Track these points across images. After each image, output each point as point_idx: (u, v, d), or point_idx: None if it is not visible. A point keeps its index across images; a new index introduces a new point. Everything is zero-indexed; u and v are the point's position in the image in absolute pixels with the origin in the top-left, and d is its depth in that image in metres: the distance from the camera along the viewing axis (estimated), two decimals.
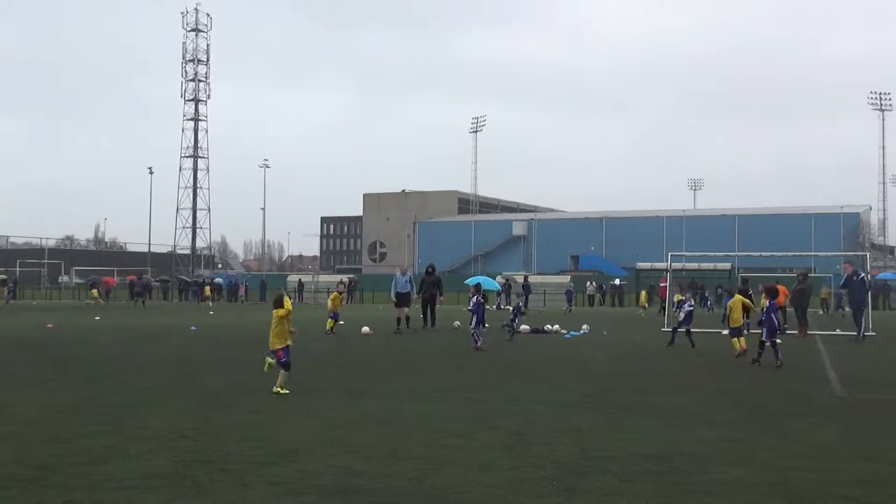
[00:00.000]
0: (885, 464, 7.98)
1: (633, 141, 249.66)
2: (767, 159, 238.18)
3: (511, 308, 27.18)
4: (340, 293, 29.43)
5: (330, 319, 26.91)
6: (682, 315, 22.50)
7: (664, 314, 40.70)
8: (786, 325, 24.35)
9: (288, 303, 12.88)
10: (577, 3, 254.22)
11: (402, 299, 28.59)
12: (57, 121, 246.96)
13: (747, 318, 21.02)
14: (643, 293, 43.08)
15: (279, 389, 12.21)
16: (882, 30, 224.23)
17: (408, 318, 28.07)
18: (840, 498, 6.75)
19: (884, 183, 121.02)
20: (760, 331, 17.51)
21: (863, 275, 26.28)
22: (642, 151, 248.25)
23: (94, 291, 57.82)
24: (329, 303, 28.49)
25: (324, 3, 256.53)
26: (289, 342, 12.64)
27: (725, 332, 28.61)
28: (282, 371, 12.39)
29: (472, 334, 20.75)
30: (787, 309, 27.02)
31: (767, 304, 17.55)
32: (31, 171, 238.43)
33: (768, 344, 17.00)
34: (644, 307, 42.17)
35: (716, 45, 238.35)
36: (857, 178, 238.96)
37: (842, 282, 27.03)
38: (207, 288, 64.08)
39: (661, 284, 46.73)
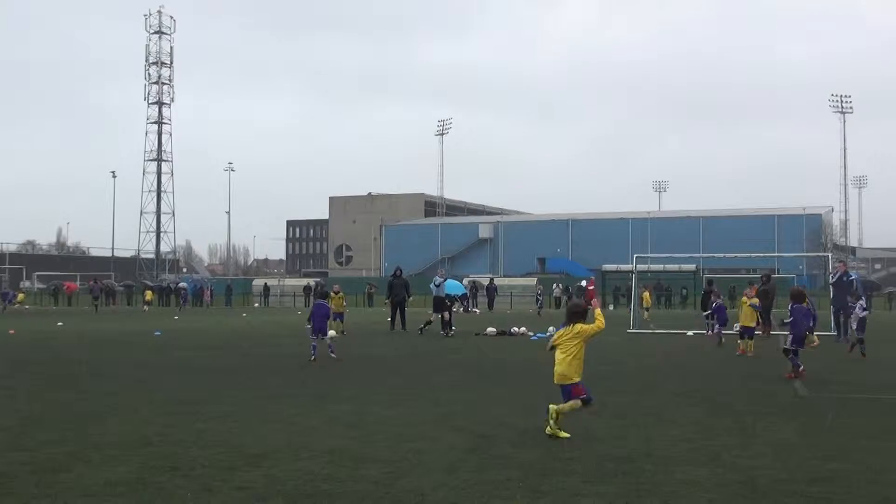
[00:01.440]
0: (846, 462, 8.08)
1: (595, 143, 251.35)
2: (730, 162, 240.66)
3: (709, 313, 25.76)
4: (337, 293, 28.90)
5: (335, 321, 26.77)
6: (854, 323, 21.28)
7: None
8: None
9: (601, 317, 9.80)
10: (534, 10, 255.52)
11: (442, 303, 28.58)
12: (17, 124, 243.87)
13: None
14: (646, 294, 42.79)
15: (557, 429, 9.21)
16: (840, 33, 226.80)
17: (442, 321, 27.74)
18: (802, 496, 6.83)
19: (845, 185, 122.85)
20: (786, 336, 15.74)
21: (853, 276, 25.95)
22: (605, 154, 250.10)
23: None
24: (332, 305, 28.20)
25: (281, 9, 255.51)
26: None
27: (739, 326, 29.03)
28: (572, 402, 9.44)
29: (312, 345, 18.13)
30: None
31: (791, 307, 15.74)
32: None
33: (792, 350, 15.33)
34: (647, 309, 41.68)
35: (676, 50, 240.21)
36: (820, 180, 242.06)
37: (833, 279, 26.76)
38: (149, 292, 63.11)
39: (589, 287, 47.28)
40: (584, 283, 64.70)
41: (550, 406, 9.30)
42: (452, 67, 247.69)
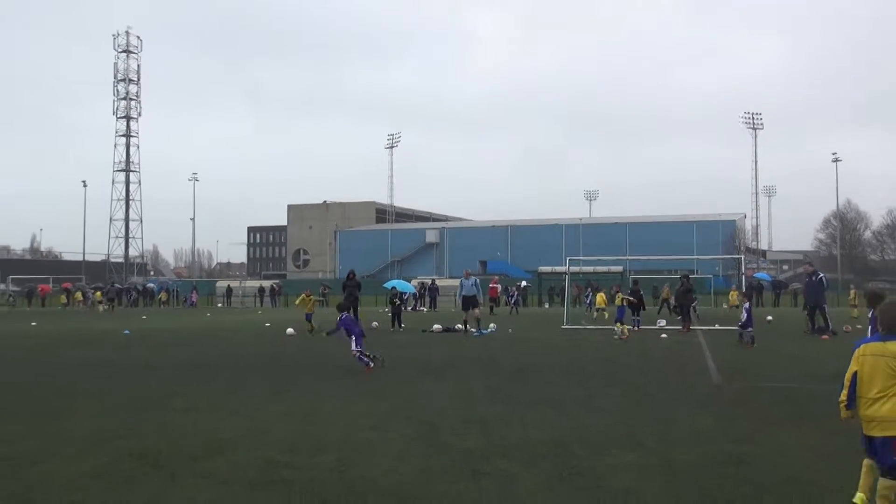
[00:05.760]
0: (755, 445, 8.25)
1: (528, 157, 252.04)
2: (654, 173, 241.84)
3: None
4: (309, 295, 28.48)
5: (308, 322, 26.41)
6: (744, 316, 21.75)
7: (492, 312, 41.28)
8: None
9: None
10: (456, 41, 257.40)
11: (469, 302, 27.36)
12: None
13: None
14: (600, 295, 42.76)
15: None
16: (739, 61, 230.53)
17: (478, 321, 26.85)
18: (716, 476, 6.96)
19: (756, 193, 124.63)
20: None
21: (821, 275, 25.97)
22: (539, 166, 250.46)
23: None
24: (298, 303, 27.72)
25: (234, 39, 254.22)
26: None
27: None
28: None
29: (358, 356, 15.52)
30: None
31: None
32: None
33: None
34: (602, 307, 41.68)
35: (598, 75, 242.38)
36: (733, 189, 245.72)
37: (803, 281, 26.65)
38: (98, 293, 62.42)
39: (492, 285, 47.57)
40: (522, 283, 65.11)
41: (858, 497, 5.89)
42: (391, 94, 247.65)
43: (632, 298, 27.00)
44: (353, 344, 15.58)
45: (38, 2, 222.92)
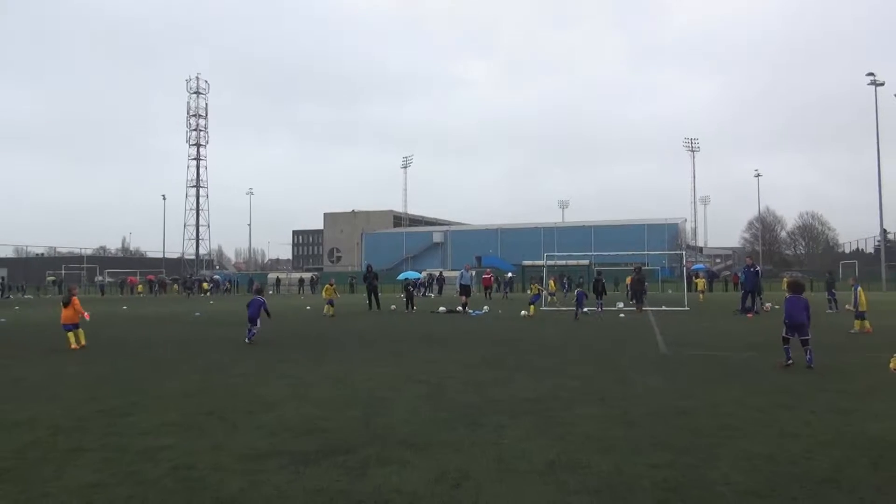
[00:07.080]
0: (696, 400, 8.22)
1: (513, 174, 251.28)
2: (613, 186, 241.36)
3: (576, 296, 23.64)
4: (332, 284, 28.51)
5: (327, 305, 26.41)
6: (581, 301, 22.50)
7: (488, 297, 41.37)
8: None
9: None
10: (452, 83, 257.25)
11: (465, 290, 28.72)
12: (98, 161, 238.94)
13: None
14: (552, 281, 42.34)
15: None
16: (684, 93, 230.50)
17: (465, 305, 27.57)
18: (667, 425, 6.93)
19: (695, 202, 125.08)
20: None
21: (758, 268, 25.68)
22: (521, 179, 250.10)
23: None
24: (324, 294, 27.71)
25: (274, 82, 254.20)
26: None
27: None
28: None
29: (248, 330, 15.77)
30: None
31: (787, 297, 10.98)
32: (75, 198, 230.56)
33: (796, 340, 10.73)
34: (552, 294, 41.40)
35: (562, 109, 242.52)
36: (676, 198, 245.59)
37: (742, 270, 26.67)
38: (175, 285, 63.17)
39: (485, 276, 47.52)
40: (509, 274, 64.98)
41: None
42: (411, 122, 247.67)
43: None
44: (249, 321, 15.79)
45: (128, 57, 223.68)
